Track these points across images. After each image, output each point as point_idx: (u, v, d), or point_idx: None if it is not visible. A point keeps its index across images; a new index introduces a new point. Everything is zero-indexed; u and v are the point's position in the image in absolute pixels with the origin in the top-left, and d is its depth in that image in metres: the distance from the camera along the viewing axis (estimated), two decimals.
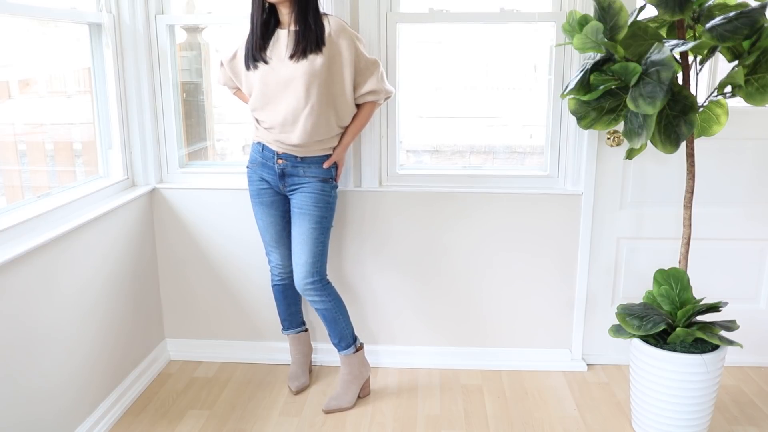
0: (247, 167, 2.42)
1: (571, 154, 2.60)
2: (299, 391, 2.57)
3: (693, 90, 2.11)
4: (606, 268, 2.69)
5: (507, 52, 2.73)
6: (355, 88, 2.27)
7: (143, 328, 2.66)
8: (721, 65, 2.54)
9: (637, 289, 2.68)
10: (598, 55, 2.07)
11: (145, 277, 2.68)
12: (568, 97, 2.16)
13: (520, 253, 2.68)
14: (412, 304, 2.76)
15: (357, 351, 2.48)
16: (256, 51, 2.21)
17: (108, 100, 2.54)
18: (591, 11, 2.30)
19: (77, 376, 2.18)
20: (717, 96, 2.11)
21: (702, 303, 2.13)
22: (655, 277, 2.21)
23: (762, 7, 1.86)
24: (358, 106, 2.34)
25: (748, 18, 1.84)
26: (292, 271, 2.48)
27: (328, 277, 2.44)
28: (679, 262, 2.22)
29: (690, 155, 2.13)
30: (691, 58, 2.11)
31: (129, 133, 2.62)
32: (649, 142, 2.04)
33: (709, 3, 2.01)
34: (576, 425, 2.35)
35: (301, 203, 2.32)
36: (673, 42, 1.98)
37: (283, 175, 2.32)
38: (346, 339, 2.45)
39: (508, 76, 2.76)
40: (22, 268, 1.89)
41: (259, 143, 2.36)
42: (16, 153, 2.18)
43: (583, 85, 2.10)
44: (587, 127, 2.18)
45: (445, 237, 2.68)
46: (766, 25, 1.89)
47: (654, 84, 1.86)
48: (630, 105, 1.92)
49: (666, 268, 2.21)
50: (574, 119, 2.50)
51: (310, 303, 2.40)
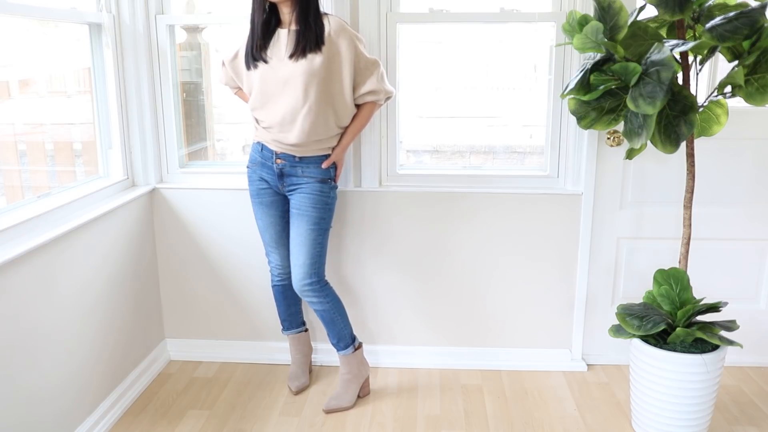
0: (248, 167, 2.42)
1: (571, 154, 2.60)
2: (299, 391, 2.57)
3: (693, 90, 2.11)
4: (606, 268, 2.69)
5: (507, 52, 2.73)
6: (354, 88, 2.27)
7: (143, 328, 2.66)
8: (721, 65, 2.54)
9: (637, 289, 2.68)
10: (598, 55, 2.07)
11: (145, 277, 2.68)
12: (568, 97, 2.16)
13: (521, 253, 2.68)
14: (412, 304, 2.76)
15: (356, 350, 2.48)
16: (257, 50, 2.21)
17: (108, 100, 2.54)
18: (591, 11, 2.30)
19: (77, 376, 2.18)
20: (717, 96, 2.11)
21: (702, 303, 2.13)
22: (655, 277, 2.21)
23: (762, 7, 1.86)
24: (359, 106, 2.34)
25: (748, 18, 1.84)
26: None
27: (327, 277, 2.44)
28: (679, 262, 2.22)
29: (690, 155, 2.13)
30: (691, 58, 2.11)
31: (129, 133, 2.62)
32: (649, 142, 2.04)
33: (709, 3, 2.01)
34: (576, 425, 2.35)
35: (299, 204, 2.32)
36: (673, 42, 1.98)
37: (281, 175, 2.32)
38: (345, 339, 2.45)
39: (508, 76, 2.76)
40: (22, 268, 1.89)
41: (258, 143, 2.36)
42: (16, 153, 2.18)
43: (583, 85, 2.10)
44: (587, 127, 2.18)
45: (445, 237, 2.68)
46: (766, 25, 1.89)
47: (654, 84, 1.86)
48: (630, 105, 1.92)
49: (666, 268, 2.21)
50: (574, 119, 2.50)
51: (309, 304, 2.40)
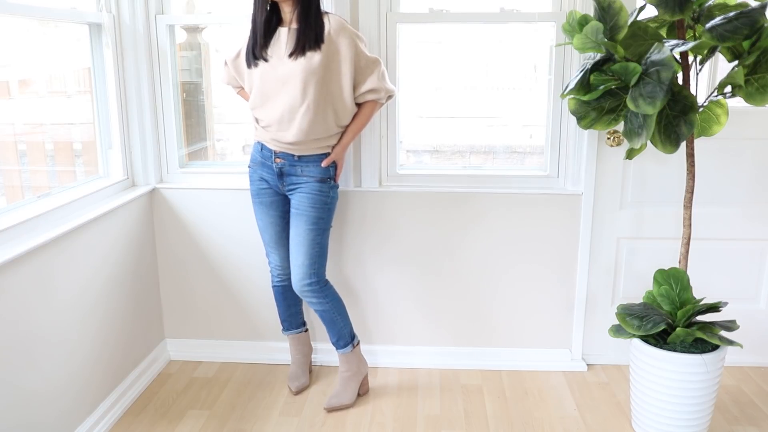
0: (249, 167, 2.42)
1: (571, 154, 2.60)
2: (299, 391, 2.57)
3: (693, 90, 2.11)
4: (606, 268, 2.69)
5: (507, 52, 2.73)
6: (355, 87, 2.26)
7: (143, 328, 2.66)
8: (721, 65, 2.54)
9: (637, 289, 2.68)
10: (598, 55, 2.06)
11: (145, 277, 2.68)
12: (568, 97, 2.16)
13: (520, 253, 2.68)
14: (412, 304, 2.76)
15: (354, 348, 2.48)
16: (257, 49, 2.20)
17: (108, 100, 2.54)
18: (591, 11, 2.30)
19: (77, 377, 2.18)
20: (717, 96, 2.11)
21: (702, 303, 2.13)
22: (655, 277, 2.21)
23: (762, 7, 1.86)
24: (360, 105, 2.33)
25: (748, 18, 1.84)
26: None
27: (328, 277, 2.44)
28: (679, 262, 2.22)
29: (690, 155, 2.13)
30: (691, 58, 2.11)
31: (129, 133, 2.62)
32: (649, 142, 2.04)
33: (709, 3, 2.01)
34: (576, 425, 2.35)
35: (298, 204, 2.32)
36: (673, 42, 1.98)
37: (281, 174, 2.32)
38: (345, 338, 2.45)
39: (508, 76, 2.76)
40: (22, 268, 1.89)
41: (258, 142, 2.36)
42: (16, 153, 2.18)
43: (583, 85, 2.10)
44: (587, 127, 2.18)
45: (445, 237, 2.68)
46: (766, 25, 1.89)
47: (654, 84, 1.86)
48: (630, 105, 1.92)
49: (666, 268, 2.21)
50: (574, 119, 2.50)
51: (308, 304, 2.40)
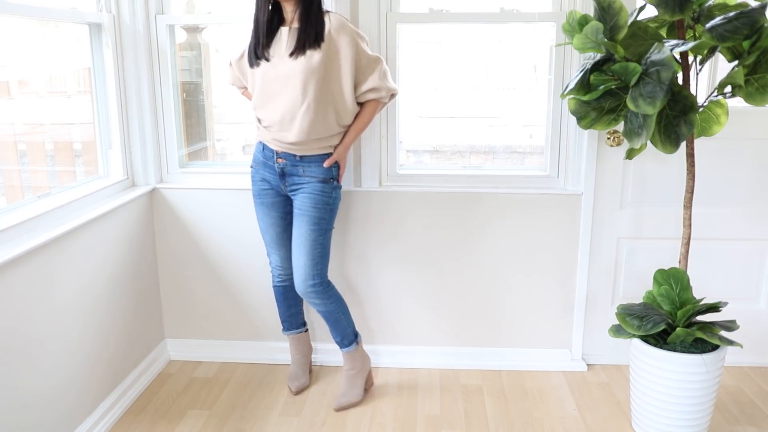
0: (251, 167, 2.42)
1: (571, 154, 2.60)
2: (299, 392, 2.57)
3: (693, 90, 2.11)
4: (606, 268, 2.69)
5: (507, 52, 2.73)
6: (356, 86, 2.25)
7: (143, 328, 2.66)
8: (721, 65, 2.54)
9: (637, 289, 2.68)
10: (598, 55, 2.06)
11: (145, 277, 2.68)
12: (568, 97, 2.16)
13: (520, 253, 2.68)
14: (413, 304, 2.76)
15: (357, 346, 2.49)
16: (259, 49, 2.20)
17: (108, 100, 2.54)
18: (591, 11, 2.30)
19: (77, 377, 2.18)
20: (717, 96, 2.11)
21: (702, 303, 2.13)
22: (655, 277, 2.21)
23: (762, 7, 1.86)
24: (362, 104, 2.32)
25: (748, 18, 1.84)
26: (292, 273, 2.47)
27: (330, 276, 2.43)
28: (679, 262, 2.22)
29: (690, 155, 2.13)
30: (691, 58, 2.11)
31: (129, 133, 2.62)
32: (649, 142, 2.04)
33: (709, 3, 2.01)
34: (576, 425, 2.35)
35: (300, 204, 2.31)
36: (673, 42, 1.98)
37: (283, 174, 2.32)
38: (348, 337, 2.46)
39: (508, 76, 2.76)
40: (22, 269, 1.89)
41: (260, 143, 2.36)
42: (16, 153, 2.18)
43: (583, 85, 2.10)
44: (587, 127, 2.18)
45: (445, 237, 2.68)
46: (766, 25, 1.89)
47: (654, 84, 1.86)
48: (630, 105, 1.92)
49: (666, 268, 2.21)
50: (574, 119, 2.50)
51: (312, 305, 2.39)
